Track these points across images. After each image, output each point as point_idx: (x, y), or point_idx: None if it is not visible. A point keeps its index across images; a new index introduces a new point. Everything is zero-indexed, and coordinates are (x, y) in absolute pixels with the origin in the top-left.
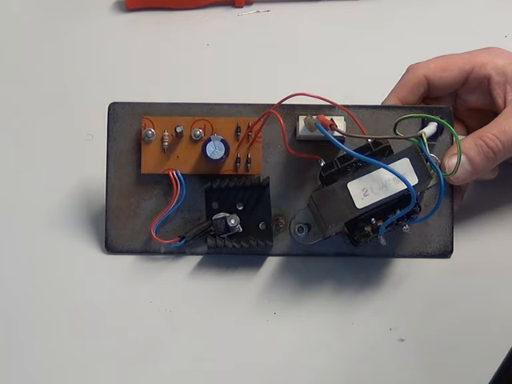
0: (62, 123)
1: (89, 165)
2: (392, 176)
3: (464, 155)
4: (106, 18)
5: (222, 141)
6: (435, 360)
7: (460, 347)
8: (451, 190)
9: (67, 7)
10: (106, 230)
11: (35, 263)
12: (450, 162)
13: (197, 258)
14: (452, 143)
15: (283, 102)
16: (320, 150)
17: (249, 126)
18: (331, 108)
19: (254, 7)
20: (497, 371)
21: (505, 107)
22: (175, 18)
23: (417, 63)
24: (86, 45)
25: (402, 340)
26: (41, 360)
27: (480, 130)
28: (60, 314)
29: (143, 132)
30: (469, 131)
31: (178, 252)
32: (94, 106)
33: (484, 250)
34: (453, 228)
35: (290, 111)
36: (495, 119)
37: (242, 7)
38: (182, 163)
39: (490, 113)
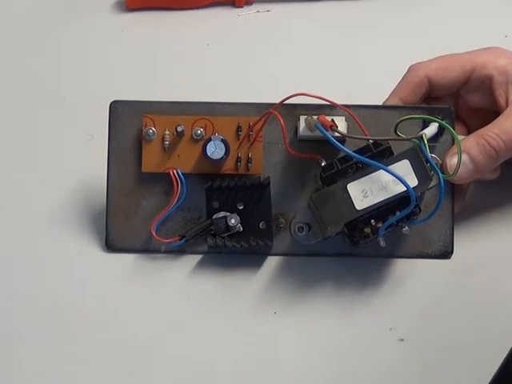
0: (62, 123)
1: (89, 164)
2: (392, 177)
3: (466, 154)
4: (106, 17)
5: (222, 141)
6: (435, 360)
7: (460, 347)
8: (451, 191)
9: (67, 7)
10: (106, 228)
11: (36, 262)
12: (452, 161)
13: (197, 257)
14: (453, 144)
15: (284, 102)
16: (321, 149)
17: (250, 126)
18: (332, 108)
19: (254, 7)
20: (497, 371)
21: (507, 107)
22: (175, 18)
23: (418, 63)
24: (86, 44)
25: (401, 340)
26: (41, 359)
27: (482, 129)
28: (60, 312)
29: (144, 131)
30: (470, 131)
31: (178, 251)
32: (94, 106)
33: (484, 250)
34: (453, 229)
35: (291, 110)
36: (497, 119)
37: (242, 7)
38: (182, 162)
39: (491, 113)
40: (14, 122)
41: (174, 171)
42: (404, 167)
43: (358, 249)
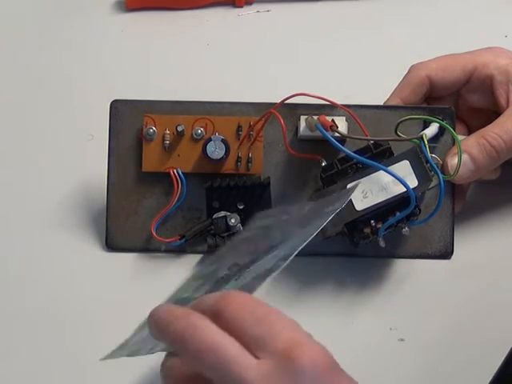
0: (62, 123)
1: (89, 164)
2: (392, 178)
3: (466, 154)
4: (105, 17)
5: (222, 140)
6: (435, 360)
7: (460, 347)
8: (452, 191)
9: (67, 7)
10: (106, 228)
11: (36, 262)
12: (453, 161)
13: (197, 257)
14: (454, 144)
15: (285, 102)
16: (322, 149)
17: (250, 126)
18: (333, 108)
19: (254, 7)
20: (497, 371)
21: (507, 107)
22: (175, 18)
23: (419, 63)
24: (86, 45)
25: (402, 340)
26: (40, 359)
27: (482, 129)
28: (60, 311)
29: (144, 130)
30: (471, 131)
31: (178, 251)
32: (95, 106)
33: (484, 250)
34: (453, 229)
35: (291, 110)
36: (498, 119)
37: (241, 7)
38: (182, 162)
39: (492, 113)
40: (14, 122)
41: (175, 171)
42: (404, 168)
43: (358, 249)
